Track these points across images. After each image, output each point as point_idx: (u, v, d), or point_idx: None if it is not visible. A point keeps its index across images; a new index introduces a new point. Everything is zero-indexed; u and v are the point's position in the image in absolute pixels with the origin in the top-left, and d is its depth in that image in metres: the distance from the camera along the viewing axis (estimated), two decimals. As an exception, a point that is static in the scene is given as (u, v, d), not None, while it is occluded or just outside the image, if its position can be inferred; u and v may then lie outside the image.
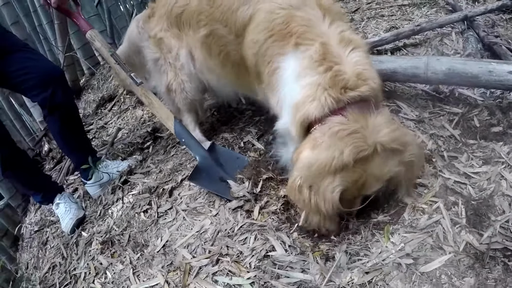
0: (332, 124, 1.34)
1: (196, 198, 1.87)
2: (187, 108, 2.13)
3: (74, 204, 2.27)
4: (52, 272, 2.07)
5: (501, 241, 1.38)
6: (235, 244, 1.58)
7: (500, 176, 1.68)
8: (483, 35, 2.48)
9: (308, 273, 1.42)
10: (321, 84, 1.37)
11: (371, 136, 1.31)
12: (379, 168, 1.36)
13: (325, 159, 1.31)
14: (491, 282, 1.28)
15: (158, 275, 1.65)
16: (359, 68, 1.38)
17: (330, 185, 1.34)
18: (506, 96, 2.14)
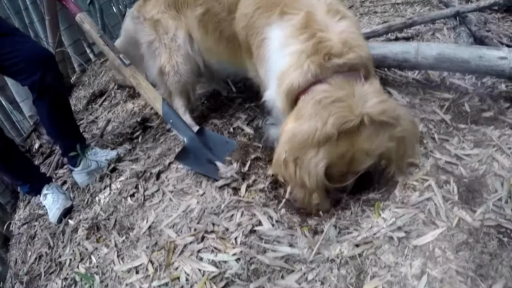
0: (315, 92, 1.28)
1: (184, 179, 1.85)
2: (179, 91, 2.12)
3: (62, 195, 2.24)
4: (38, 262, 2.04)
5: (495, 218, 1.37)
6: (221, 221, 1.56)
7: (491, 158, 1.68)
8: (474, 30, 2.51)
9: (295, 247, 1.39)
10: (304, 51, 1.31)
11: (357, 106, 1.22)
12: (367, 142, 1.27)
13: (308, 130, 1.23)
14: (486, 256, 1.26)
15: (142, 255, 1.62)
16: (345, 35, 1.32)
17: (313, 159, 1.26)
18: (497, 86, 2.16)
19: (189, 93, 2.19)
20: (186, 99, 2.18)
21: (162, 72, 2.07)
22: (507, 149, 1.69)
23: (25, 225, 2.39)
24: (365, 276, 1.28)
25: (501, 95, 2.06)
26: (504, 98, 2.03)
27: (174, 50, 2.00)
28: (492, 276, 1.20)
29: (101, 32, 2.06)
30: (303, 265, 1.34)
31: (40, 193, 2.27)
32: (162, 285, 1.47)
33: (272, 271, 1.35)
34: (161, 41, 2.03)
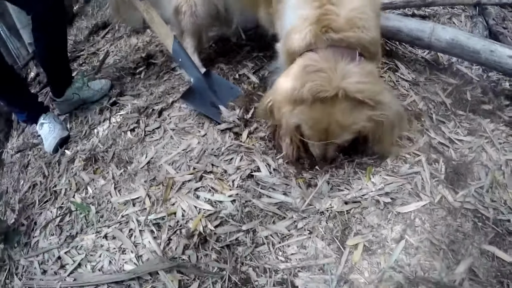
0: (305, 59, 1.38)
1: (186, 119, 1.90)
2: (192, 32, 2.12)
3: (59, 125, 2.23)
4: (32, 191, 2.05)
5: (474, 203, 1.49)
6: (221, 163, 1.64)
7: (481, 148, 1.77)
8: (491, 23, 2.55)
9: (289, 196, 1.50)
10: (309, 18, 1.39)
11: (336, 80, 1.30)
12: (341, 115, 1.36)
13: (289, 88, 1.38)
14: (460, 235, 1.38)
15: (140, 189, 1.69)
16: (354, 13, 1.36)
17: (288, 113, 1.41)
18: (501, 82, 2.23)
19: (201, 35, 2.19)
20: (197, 41, 2.18)
21: (178, 11, 2.05)
22: (497, 143, 1.78)
23: (19, 153, 2.38)
24: (350, 232, 1.40)
25: (504, 92, 2.13)
26: (505, 96, 2.10)
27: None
28: (462, 253, 1.33)
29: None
30: (294, 213, 1.45)
31: (37, 122, 2.26)
32: (158, 218, 1.55)
33: (265, 215, 1.46)
34: (180, -21, 1.99)
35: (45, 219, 1.79)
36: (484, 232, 1.40)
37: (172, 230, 1.48)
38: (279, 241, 1.39)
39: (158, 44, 2.68)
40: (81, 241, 1.61)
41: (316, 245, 1.37)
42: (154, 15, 2.02)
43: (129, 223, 1.57)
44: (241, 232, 1.43)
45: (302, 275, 1.31)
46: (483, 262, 1.32)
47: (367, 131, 1.44)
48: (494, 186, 1.58)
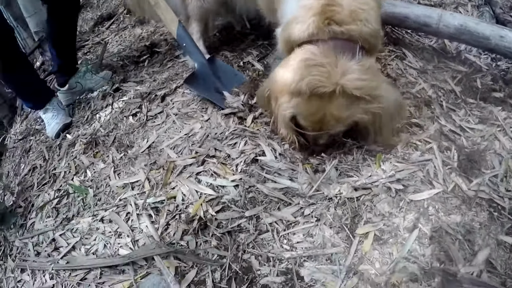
0: (305, 51, 1.29)
1: (189, 104, 1.76)
2: (199, 17, 1.99)
3: (62, 110, 2.13)
4: (31, 173, 1.95)
5: (488, 192, 1.35)
6: (224, 147, 1.49)
7: (494, 137, 1.64)
8: (498, 12, 2.40)
9: (296, 181, 1.35)
10: (312, 8, 1.29)
11: (336, 76, 1.22)
12: (338, 109, 1.28)
13: (287, 79, 1.29)
14: (476, 224, 1.25)
15: (140, 172, 1.56)
16: (355, 6, 1.27)
17: (285, 104, 1.33)
18: (511, 71, 2.09)
19: (208, 21, 2.06)
20: (203, 26, 2.05)
21: (185, -5, 1.92)
22: (510, 131, 1.64)
23: (22, 140, 2.27)
24: (360, 220, 1.26)
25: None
26: (516, 84, 1.97)
27: None
28: (479, 243, 1.19)
29: None
30: (301, 199, 1.30)
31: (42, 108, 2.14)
32: (157, 202, 1.42)
33: (269, 201, 1.31)
34: (188, -38, 1.86)
35: (43, 201, 1.67)
36: (501, 222, 1.26)
37: (171, 214, 1.34)
38: (284, 228, 1.25)
39: (162, 33, 2.55)
40: (77, 224, 1.49)
41: (323, 233, 1.22)
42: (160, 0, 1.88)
43: (126, 206, 1.44)
44: (244, 219, 1.28)
45: (308, 264, 1.16)
46: (501, 254, 1.18)
47: (365, 123, 1.36)
48: (509, 175, 1.43)
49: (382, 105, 1.29)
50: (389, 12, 1.99)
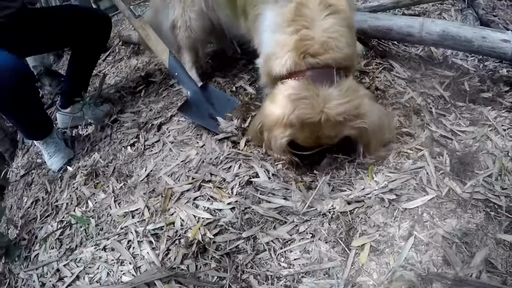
0: (287, 86, 1.40)
1: (184, 131, 1.83)
2: (188, 46, 2.08)
3: (62, 143, 2.15)
4: (34, 206, 2.00)
5: (484, 193, 1.37)
6: (219, 171, 1.54)
7: (486, 137, 1.67)
8: (481, 13, 2.46)
9: (289, 200, 1.39)
10: (287, 44, 1.39)
11: (319, 105, 1.34)
12: (328, 130, 1.39)
13: (278, 114, 1.40)
14: (472, 226, 1.27)
15: (139, 200, 1.61)
16: (325, 36, 1.36)
17: (280, 135, 1.43)
18: (498, 70, 2.13)
19: (198, 50, 2.14)
20: (194, 55, 2.13)
21: (174, 25, 2.01)
22: (502, 130, 1.68)
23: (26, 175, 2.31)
24: (355, 232, 1.29)
25: (502, 79, 2.03)
26: (504, 82, 2.00)
27: (188, 6, 1.94)
28: (476, 245, 1.21)
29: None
30: (295, 217, 1.33)
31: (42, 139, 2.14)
32: (157, 228, 1.46)
33: (265, 221, 1.35)
34: (175, -5, 1.96)
35: (46, 233, 1.73)
36: (498, 221, 1.28)
37: (171, 240, 1.38)
38: (280, 246, 1.28)
39: (156, 63, 2.64)
40: (80, 253, 1.53)
41: (319, 249, 1.25)
42: (150, 32, 1.98)
43: (128, 234, 1.49)
44: (241, 240, 1.32)
45: (306, 280, 1.19)
46: (500, 253, 1.19)
47: (354, 137, 1.46)
48: (503, 173, 1.46)
49: (366, 121, 1.39)
50: (372, 26, 2.06)
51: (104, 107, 2.34)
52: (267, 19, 1.48)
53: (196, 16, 1.97)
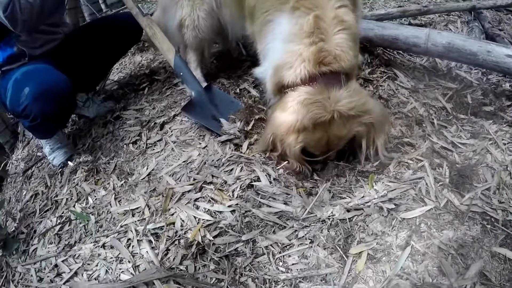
0: (301, 93, 1.46)
1: (187, 132, 1.85)
2: (195, 46, 2.09)
3: (66, 139, 2.17)
4: (33, 200, 2.02)
5: (481, 206, 1.40)
6: (221, 173, 1.57)
7: (486, 150, 1.70)
8: (487, 27, 2.50)
9: (290, 205, 1.42)
10: (303, 55, 1.45)
11: (330, 105, 1.42)
12: (338, 129, 1.47)
13: (291, 121, 1.46)
14: (469, 238, 1.30)
15: (140, 199, 1.63)
16: (338, 50, 1.46)
17: (293, 141, 1.49)
18: (501, 84, 2.17)
19: (204, 50, 2.16)
20: (200, 55, 2.15)
21: (182, 25, 2.03)
22: (502, 144, 1.71)
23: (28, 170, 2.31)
24: (353, 240, 1.31)
25: (504, 93, 2.06)
26: (506, 96, 2.03)
27: (198, 4, 1.95)
28: (472, 257, 1.24)
29: (121, -20, 2.00)
30: (295, 222, 1.36)
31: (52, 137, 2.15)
32: (157, 228, 1.48)
33: (265, 225, 1.38)
34: (185, -7, 1.97)
35: (45, 228, 1.74)
36: (494, 234, 1.31)
37: (171, 240, 1.41)
38: (279, 251, 1.31)
39: (161, 61, 2.67)
40: (79, 250, 1.55)
41: (317, 255, 1.28)
42: (157, 31, 2.00)
43: (127, 233, 1.51)
44: (241, 243, 1.34)
45: (303, 285, 1.21)
46: (495, 266, 1.23)
47: (361, 135, 1.54)
48: (501, 187, 1.49)
49: (372, 116, 1.50)
50: (378, 35, 2.09)
51: (107, 103, 2.36)
52: (280, 27, 1.52)
53: (205, 16, 1.99)
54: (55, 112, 1.83)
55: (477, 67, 2.13)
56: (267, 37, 1.59)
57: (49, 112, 1.80)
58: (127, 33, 2.26)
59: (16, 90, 1.80)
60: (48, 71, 1.83)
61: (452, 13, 2.60)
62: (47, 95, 1.75)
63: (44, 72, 1.83)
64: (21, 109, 1.78)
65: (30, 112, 1.78)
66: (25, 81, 1.80)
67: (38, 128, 1.97)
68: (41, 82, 1.77)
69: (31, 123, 1.84)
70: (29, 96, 1.74)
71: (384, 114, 1.63)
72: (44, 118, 1.81)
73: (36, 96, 1.73)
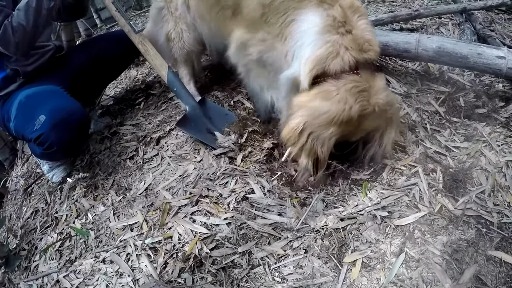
0: (347, 80, 1.45)
1: (182, 146, 1.90)
2: (183, 59, 2.16)
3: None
4: (34, 217, 2.06)
5: (476, 209, 1.43)
6: (216, 187, 1.61)
7: (480, 153, 1.74)
8: (479, 28, 2.53)
9: (284, 216, 1.46)
10: (343, 44, 1.47)
11: (373, 97, 1.46)
12: (371, 122, 1.52)
13: (336, 111, 1.43)
14: (463, 243, 1.33)
15: (138, 214, 1.68)
16: (368, 35, 1.52)
17: (330, 134, 1.46)
18: (494, 85, 2.20)
19: (193, 62, 2.22)
20: (190, 67, 2.21)
21: (169, 38, 2.11)
22: (496, 145, 1.75)
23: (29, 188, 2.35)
24: (347, 249, 1.35)
25: (497, 94, 2.10)
26: (499, 97, 2.07)
27: (178, 18, 2.03)
28: (466, 261, 1.27)
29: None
30: (289, 233, 1.40)
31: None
32: (155, 242, 1.53)
33: (260, 236, 1.42)
34: (168, 9, 2.05)
35: (46, 244, 1.79)
36: (489, 237, 1.34)
37: (169, 253, 1.45)
38: (275, 261, 1.35)
39: (156, 75, 2.72)
40: (79, 265, 1.59)
41: (312, 264, 1.32)
42: (149, 47, 2.06)
43: (126, 247, 1.55)
44: (237, 254, 1.39)
45: (299, 295, 1.25)
46: (491, 269, 1.26)
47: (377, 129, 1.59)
48: (496, 190, 1.53)
49: (393, 111, 1.59)
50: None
51: (104, 118, 2.42)
52: (308, 23, 1.52)
53: (187, 28, 2.06)
54: (73, 140, 1.86)
55: (469, 69, 2.17)
56: (293, 36, 1.56)
57: (67, 141, 1.81)
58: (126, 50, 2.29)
59: (25, 115, 1.81)
60: (59, 95, 1.86)
61: (443, 15, 2.64)
62: (66, 124, 1.76)
63: (56, 97, 1.85)
64: (35, 136, 1.77)
65: (46, 140, 1.77)
66: (35, 106, 1.81)
67: (51, 155, 1.97)
68: (58, 109, 1.77)
69: (46, 151, 1.83)
70: (45, 124, 1.73)
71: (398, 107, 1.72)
72: (61, 146, 1.81)
73: (54, 125, 1.73)
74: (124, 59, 2.44)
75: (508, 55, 1.89)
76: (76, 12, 2.18)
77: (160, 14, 2.10)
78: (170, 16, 2.04)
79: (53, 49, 2.10)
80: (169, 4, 2.04)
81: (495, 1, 2.62)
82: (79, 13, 2.22)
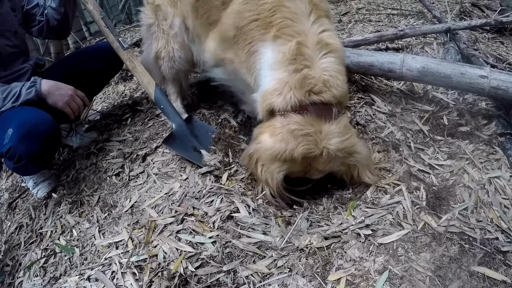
0: (291, 120, 1.51)
1: (168, 163, 1.94)
2: (172, 77, 2.21)
3: (48, 171, 2.25)
4: (18, 232, 2.08)
5: (459, 226, 1.49)
6: (201, 205, 1.65)
7: (463, 170, 1.81)
8: (463, 47, 2.64)
9: (269, 235, 1.50)
10: (289, 82, 1.51)
11: (322, 141, 1.50)
12: (323, 164, 1.57)
13: (278, 149, 1.52)
14: (446, 259, 1.38)
15: (123, 232, 1.70)
16: (326, 75, 1.52)
17: (277, 169, 1.57)
18: (477, 103, 2.29)
19: (181, 80, 2.27)
20: (178, 86, 2.26)
21: (158, 56, 2.16)
22: (479, 163, 1.82)
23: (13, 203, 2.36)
24: (331, 267, 1.39)
25: (480, 112, 2.19)
26: (482, 115, 2.16)
27: (171, 37, 2.08)
28: (450, 277, 1.32)
29: (103, 13, 2.12)
30: (274, 252, 1.44)
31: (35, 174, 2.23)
32: (140, 260, 1.54)
33: (245, 255, 1.45)
34: (159, 26, 2.11)
35: (30, 260, 1.79)
36: (472, 253, 1.40)
37: (154, 272, 1.47)
38: (259, 280, 1.38)
39: (143, 91, 2.77)
40: (64, 282, 1.60)
41: (297, 283, 1.35)
42: (137, 64, 2.11)
43: (112, 265, 1.56)
44: (222, 273, 1.41)
45: (283, 314, 1.28)
46: (474, 284, 1.31)
47: (341, 172, 1.67)
48: (479, 206, 1.60)
49: (358, 159, 1.61)
50: (355, 62, 2.22)
51: (91, 133, 2.45)
52: (265, 56, 1.58)
53: (179, 47, 2.11)
54: (41, 152, 1.85)
55: (452, 89, 2.26)
56: (255, 67, 1.64)
57: (35, 152, 1.82)
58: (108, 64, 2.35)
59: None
60: (29, 110, 1.86)
61: (428, 35, 2.75)
62: (32, 135, 1.76)
63: (25, 111, 1.86)
64: (5, 150, 1.80)
65: (15, 153, 1.79)
66: (6, 121, 1.83)
67: (23, 169, 1.98)
68: (24, 122, 1.77)
69: (16, 164, 1.85)
70: (13, 137, 1.75)
71: (369, 156, 1.72)
72: (30, 158, 1.82)
73: (20, 137, 1.74)
74: (104, 75, 2.47)
75: (490, 75, 1.99)
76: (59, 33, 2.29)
77: (150, 30, 2.15)
78: (161, 33, 2.10)
79: (30, 70, 2.13)
80: (161, 22, 2.09)
81: (479, 21, 2.75)
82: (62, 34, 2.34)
